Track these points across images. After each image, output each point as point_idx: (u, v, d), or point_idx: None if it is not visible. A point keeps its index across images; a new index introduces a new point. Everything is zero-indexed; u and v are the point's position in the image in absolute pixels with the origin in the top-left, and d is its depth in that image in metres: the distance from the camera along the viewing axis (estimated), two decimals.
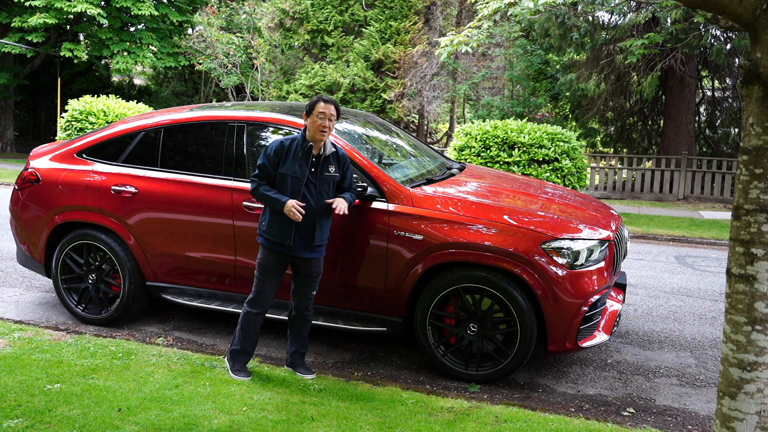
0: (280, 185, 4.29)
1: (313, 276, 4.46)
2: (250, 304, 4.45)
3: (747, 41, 4.11)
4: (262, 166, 4.32)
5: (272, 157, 4.29)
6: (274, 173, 4.30)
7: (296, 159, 4.28)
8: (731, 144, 17.49)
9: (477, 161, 9.93)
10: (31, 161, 5.85)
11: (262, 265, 4.40)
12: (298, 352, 4.58)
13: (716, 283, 7.46)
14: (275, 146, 4.31)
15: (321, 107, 4.26)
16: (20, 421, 3.66)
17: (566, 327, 4.44)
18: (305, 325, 4.57)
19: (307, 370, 4.56)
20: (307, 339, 4.62)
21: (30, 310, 5.93)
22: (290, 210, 4.19)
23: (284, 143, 4.31)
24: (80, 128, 13.14)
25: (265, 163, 4.31)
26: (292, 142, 4.33)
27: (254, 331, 4.47)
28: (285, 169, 4.28)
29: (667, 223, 11.63)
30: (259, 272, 4.42)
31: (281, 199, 4.23)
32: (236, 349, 4.47)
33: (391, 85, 16.70)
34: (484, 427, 3.80)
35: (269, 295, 4.43)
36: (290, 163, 4.27)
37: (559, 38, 14.66)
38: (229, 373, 4.43)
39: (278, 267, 4.40)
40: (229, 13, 21.78)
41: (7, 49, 20.73)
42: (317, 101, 4.30)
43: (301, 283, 4.46)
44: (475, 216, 4.59)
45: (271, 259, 4.37)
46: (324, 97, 4.33)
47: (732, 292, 2.76)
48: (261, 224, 4.43)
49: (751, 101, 2.68)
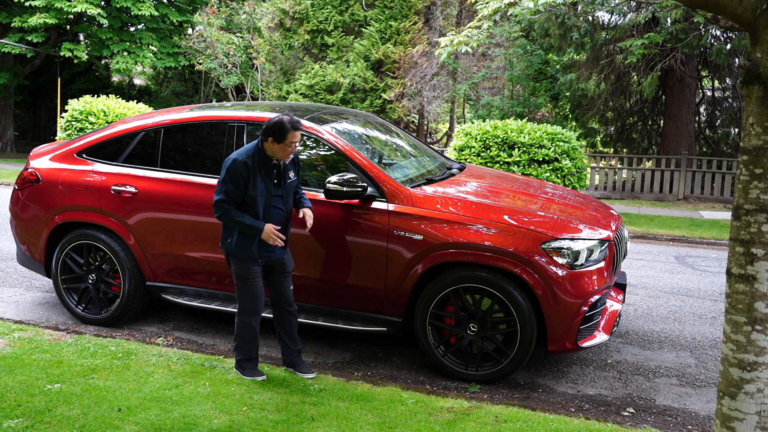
0: (250, 206, 4.20)
1: (289, 271, 4.46)
2: (243, 315, 4.38)
3: (747, 41, 4.11)
4: (230, 191, 4.14)
5: (240, 180, 4.11)
6: (243, 196, 4.18)
7: (261, 177, 4.17)
8: (731, 144, 17.48)
9: (477, 161, 9.93)
10: (31, 161, 5.85)
11: (241, 275, 4.32)
12: (293, 350, 4.55)
13: (716, 283, 7.46)
14: (240, 168, 4.10)
15: (294, 137, 4.11)
16: (20, 421, 3.66)
17: (566, 327, 4.44)
18: (293, 322, 4.53)
19: (308, 369, 4.54)
20: (297, 335, 4.58)
21: (30, 310, 5.93)
22: (270, 237, 4.17)
23: (247, 163, 4.12)
24: (80, 128, 13.13)
25: (232, 187, 4.13)
26: (253, 159, 4.14)
27: (254, 337, 4.45)
28: (254, 191, 4.15)
29: (667, 223, 11.63)
30: (240, 282, 4.34)
31: (258, 225, 4.16)
32: (242, 358, 4.45)
33: (391, 85, 16.70)
34: (484, 427, 3.80)
35: (258, 298, 4.38)
36: (258, 182, 4.15)
37: (559, 38, 14.66)
38: (243, 378, 4.39)
39: (257, 272, 4.35)
40: (229, 13, 21.77)
41: (7, 49, 20.73)
42: (288, 130, 4.07)
43: (279, 281, 4.43)
44: (475, 216, 4.59)
45: (249, 268, 4.31)
46: (293, 123, 4.11)
47: (732, 292, 2.76)
48: (227, 241, 4.31)
49: (751, 101, 2.68)
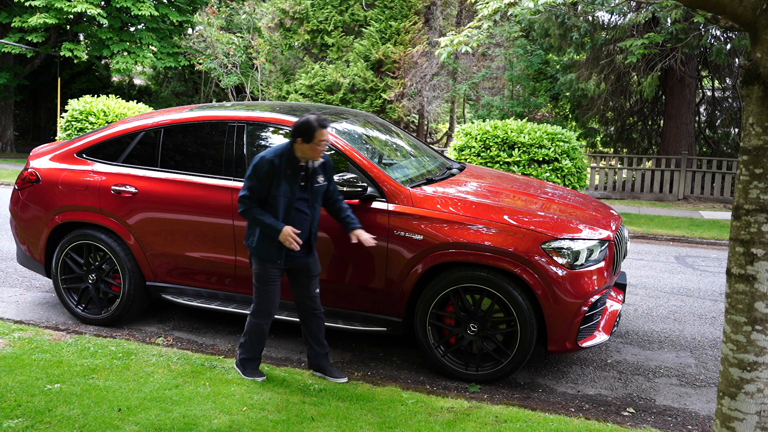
0: (271, 206, 4.19)
1: (314, 275, 4.44)
2: (257, 316, 4.38)
3: (747, 41, 4.11)
4: (254, 188, 4.15)
5: (264, 179, 4.13)
6: (266, 195, 4.18)
7: (286, 177, 4.16)
8: (731, 144, 17.48)
9: (477, 161, 9.93)
10: (31, 161, 5.85)
11: (261, 276, 4.33)
12: (320, 353, 4.52)
13: (716, 283, 7.46)
14: (266, 167, 4.12)
15: (322, 135, 4.10)
16: (20, 421, 3.66)
17: (566, 327, 4.44)
18: (320, 325, 4.51)
19: (339, 374, 4.49)
20: (324, 339, 4.55)
21: (30, 310, 5.93)
22: (287, 239, 4.14)
23: (274, 162, 4.12)
24: (80, 128, 13.13)
25: (257, 184, 4.15)
26: (281, 159, 4.14)
27: (263, 339, 4.44)
28: (277, 191, 4.15)
29: (667, 223, 11.63)
30: (258, 283, 4.35)
31: (277, 226, 4.14)
32: (246, 357, 4.44)
33: (391, 85, 16.70)
34: (484, 427, 3.80)
35: (274, 303, 4.38)
36: (282, 183, 4.15)
37: (559, 38, 14.66)
38: (243, 378, 4.39)
39: (277, 275, 4.34)
40: (229, 13, 21.77)
41: (7, 49, 20.72)
42: (316, 128, 4.06)
43: (304, 283, 4.42)
44: (475, 216, 4.59)
45: (269, 270, 4.31)
46: (321, 121, 4.09)
47: (732, 292, 2.76)
48: (250, 239, 4.32)
49: (751, 101, 2.68)
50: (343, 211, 4.48)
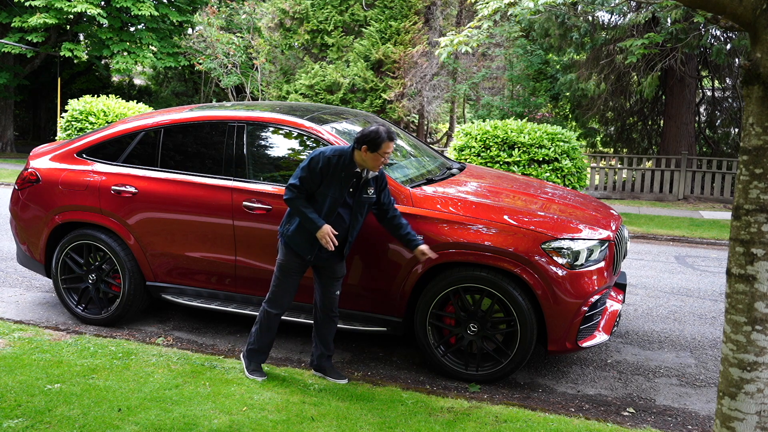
0: (317, 202, 4.17)
1: (338, 277, 4.43)
2: (269, 305, 4.38)
3: (747, 41, 4.11)
4: (305, 180, 4.12)
5: (317, 173, 4.10)
6: (315, 189, 4.16)
7: (339, 179, 4.12)
8: (731, 144, 17.48)
9: (477, 161, 9.93)
10: (31, 161, 5.85)
11: (284, 266, 4.31)
12: (324, 354, 4.52)
13: (716, 283, 7.46)
14: (322, 163, 4.09)
15: (389, 147, 4.06)
16: (20, 421, 3.66)
17: (566, 327, 4.44)
18: (332, 328, 4.51)
19: (339, 375, 4.50)
20: (332, 341, 4.56)
21: (30, 310, 5.93)
22: (324, 238, 4.10)
23: (331, 160, 4.09)
24: (80, 128, 13.14)
25: (308, 176, 4.11)
26: (339, 159, 4.10)
27: (272, 331, 4.44)
28: (326, 189, 4.13)
29: (667, 223, 11.63)
30: (279, 273, 4.34)
31: (318, 222, 4.10)
32: (254, 348, 4.44)
33: (391, 85, 16.70)
34: (484, 427, 3.80)
35: (289, 296, 4.38)
36: (333, 183, 4.12)
37: (559, 38, 14.66)
38: (245, 372, 4.40)
39: (300, 270, 4.34)
40: (229, 13, 21.78)
41: (7, 49, 20.73)
42: (384, 139, 4.02)
43: (325, 283, 4.41)
44: (475, 216, 4.59)
45: (294, 262, 4.30)
46: (390, 134, 4.06)
47: (732, 292, 2.76)
48: (285, 226, 4.31)
49: (751, 101, 2.68)
50: (403, 228, 4.37)
